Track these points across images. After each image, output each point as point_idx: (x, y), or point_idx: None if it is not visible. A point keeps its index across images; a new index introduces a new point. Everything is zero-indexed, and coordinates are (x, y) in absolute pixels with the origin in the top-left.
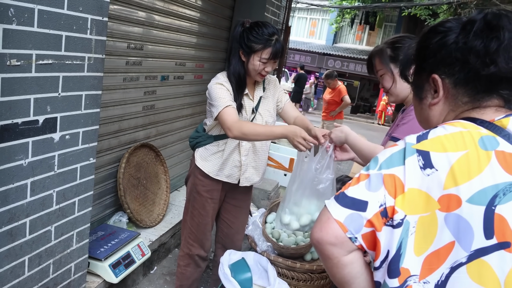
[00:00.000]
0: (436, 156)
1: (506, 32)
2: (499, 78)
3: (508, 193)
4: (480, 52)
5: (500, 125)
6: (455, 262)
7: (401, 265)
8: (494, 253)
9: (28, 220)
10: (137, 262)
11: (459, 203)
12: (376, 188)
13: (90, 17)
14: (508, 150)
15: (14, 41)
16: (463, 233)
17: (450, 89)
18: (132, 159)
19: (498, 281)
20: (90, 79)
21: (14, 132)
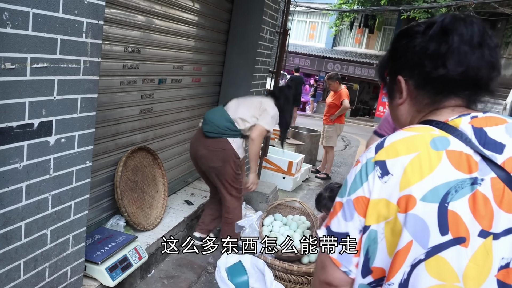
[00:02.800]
0: (391, 162)
1: (455, 36)
2: (453, 81)
3: (460, 190)
4: (432, 55)
5: (453, 124)
6: (415, 259)
7: (371, 265)
8: (450, 248)
9: (23, 224)
10: (134, 265)
11: (414, 202)
12: (351, 216)
13: (86, 21)
14: (458, 149)
15: (9, 44)
16: (419, 231)
17: (412, 91)
18: (130, 162)
19: (456, 275)
20: (85, 83)
21: (9, 136)
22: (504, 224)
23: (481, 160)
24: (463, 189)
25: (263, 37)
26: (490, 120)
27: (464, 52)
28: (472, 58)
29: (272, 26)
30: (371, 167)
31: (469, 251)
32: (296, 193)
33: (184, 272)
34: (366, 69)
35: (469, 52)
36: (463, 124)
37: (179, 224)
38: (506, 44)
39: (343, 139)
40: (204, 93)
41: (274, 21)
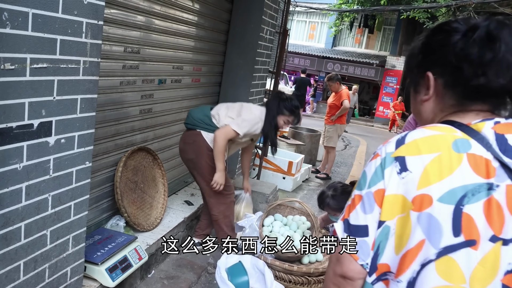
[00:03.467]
0: (411, 159)
1: (502, 45)
2: (487, 90)
3: (476, 194)
4: (474, 61)
5: (476, 128)
6: (425, 259)
7: (378, 262)
8: (461, 250)
9: (23, 224)
10: (134, 266)
11: (430, 202)
12: (371, 209)
13: (85, 21)
14: (479, 153)
15: (8, 45)
16: (433, 230)
17: (440, 89)
18: (129, 162)
19: (464, 277)
20: (85, 83)
21: (9, 136)
22: None
23: (499, 166)
24: (479, 194)
25: (263, 37)
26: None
27: (509, 63)
28: None
29: (272, 26)
30: (390, 162)
31: (479, 254)
32: (296, 193)
33: (184, 272)
34: (366, 69)
35: None
36: (486, 129)
37: (179, 224)
38: None
39: (343, 139)
40: (204, 93)
41: (274, 21)
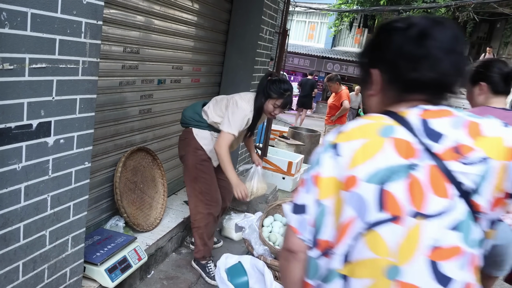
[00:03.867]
0: (343, 145)
1: (432, 42)
2: (422, 83)
3: (398, 174)
4: (408, 57)
5: (404, 115)
6: (356, 233)
7: (318, 237)
8: (386, 225)
9: (22, 225)
10: (134, 266)
11: (357, 182)
12: (310, 190)
13: (84, 21)
14: (402, 137)
15: (7, 45)
16: (360, 207)
17: (384, 84)
18: (129, 163)
19: (390, 250)
20: (84, 83)
21: (7, 137)
22: (435, 207)
23: (420, 148)
24: (401, 173)
25: (263, 37)
26: (438, 113)
27: (438, 58)
28: (443, 64)
29: (271, 26)
30: (328, 149)
31: (402, 229)
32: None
33: (183, 273)
34: None
35: (442, 58)
36: (412, 115)
37: (179, 224)
38: (505, 44)
39: None
40: (204, 94)
41: (274, 21)
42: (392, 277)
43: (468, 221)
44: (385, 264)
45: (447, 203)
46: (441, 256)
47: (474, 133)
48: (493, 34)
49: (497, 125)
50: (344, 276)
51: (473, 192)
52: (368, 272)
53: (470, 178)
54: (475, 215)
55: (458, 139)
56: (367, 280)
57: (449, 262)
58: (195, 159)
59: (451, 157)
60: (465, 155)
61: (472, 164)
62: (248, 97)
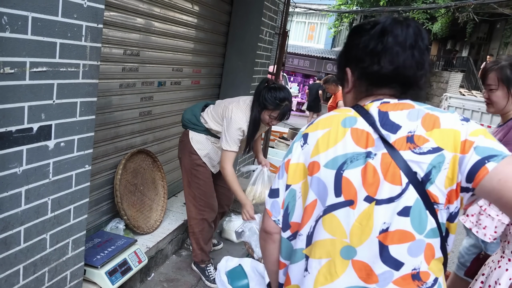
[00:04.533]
0: (311, 134)
1: (390, 38)
2: (385, 76)
3: (355, 161)
4: (370, 52)
5: (366, 108)
6: (317, 216)
7: (290, 220)
8: (342, 209)
9: (22, 229)
10: (134, 269)
11: (318, 167)
12: (282, 176)
13: (85, 24)
14: (361, 127)
15: (8, 49)
16: (321, 191)
17: (355, 81)
18: (129, 165)
19: (345, 232)
20: (85, 86)
21: (8, 140)
22: (387, 193)
23: (378, 138)
24: (357, 161)
25: (263, 38)
26: (398, 106)
27: (396, 52)
28: (402, 58)
29: (271, 28)
30: (299, 138)
31: (356, 213)
32: None
33: (184, 275)
34: None
35: (400, 53)
36: (372, 108)
37: (179, 227)
38: (505, 44)
39: None
40: (204, 95)
41: (274, 22)
42: (347, 257)
43: (418, 208)
44: (341, 245)
45: (397, 190)
46: (391, 240)
47: (430, 124)
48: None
49: (456, 118)
50: (307, 256)
51: (426, 181)
52: (325, 252)
53: (422, 167)
54: (432, 206)
55: (413, 130)
56: (324, 259)
57: (398, 246)
58: (190, 163)
59: (405, 147)
60: (418, 145)
61: (424, 154)
62: (244, 106)
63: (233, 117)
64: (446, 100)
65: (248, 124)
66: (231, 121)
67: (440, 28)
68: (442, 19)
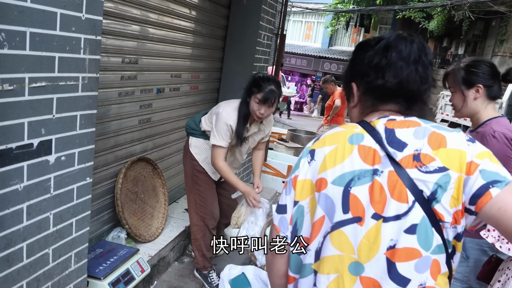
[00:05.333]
0: (317, 151)
1: (394, 52)
2: (389, 90)
3: (362, 178)
4: (375, 67)
5: (373, 125)
6: (325, 232)
7: (298, 234)
8: (349, 225)
9: (25, 245)
10: (137, 279)
11: (326, 184)
12: (290, 192)
13: (83, 37)
14: (368, 144)
15: (6, 65)
16: (329, 208)
17: (360, 96)
18: (129, 173)
19: (353, 248)
20: (84, 99)
21: (9, 157)
22: (394, 211)
23: (384, 155)
24: (365, 178)
25: (261, 42)
26: (404, 123)
27: (400, 66)
28: (406, 72)
29: (269, 31)
30: (306, 154)
31: (363, 229)
32: None
33: (186, 282)
34: None
35: (404, 67)
36: (379, 125)
37: (180, 233)
38: (500, 42)
39: None
40: (202, 100)
41: (271, 25)
42: (356, 273)
43: (424, 225)
44: (349, 261)
45: (403, 207)
46: (398, 257)
47: (436, 143)
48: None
49: (463, 139)
50: (315, 271)
51: (432, 200)
52: (333, 267)
53: (428, 186)
54: (438, 223)
55: (419, 148)
56: (332, 275)
57: (406, 263)
58: (191, 169)
59: (411, 165)
60: (424, 163)
61: (430, 172)
62: (235, 104)
63: (221, 111)
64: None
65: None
66: (219, 116)
67: (436, 26)
68: (438, 17)
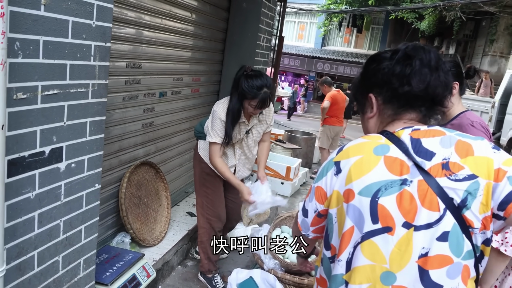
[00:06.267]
0: (343, 162)
1: (417, 60)
2: (415, 96)
3: (389, 188)
4: (399, 75)
5: (397, 135)
6: (355, 242)
7: (330, 241)
8: (380, 235)
9: (36, 253)
10: (143, 284)
11: (353, 195)
12: (311, 199)
13: (94, 44)
14: (395, 155)
15: (20, 74)
16: (357, 218)
17: (380, 105)
18: (133, 178)
19: (384, 258)
20: (94, 106)
21: (22, 166)
22: (425, 219)
23: (412, 165)
24: (392, 188)
25: (260, 45)
26: (429, 133)
27: (425, 73)
28: (431, 78)
29: (268, 34)
30: (331, 166)
31: (394, 239)
32: (295, 198)
33: (190, 286)
34: (356, 68)
35: (429, 74)
36: (404, 135)
37: (184, 237)
38: (491, 41)
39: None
40: (203, 103)
41: (270, 28)
42: (388, 283)
43: (455, 232)
44: (381, 271)
45: (435, 216)
46: (430, 265)
47: (464, 152)
48: (479, 32)
49: (488, 146)
50: (346, 282)
51: (463, 207)
52: (365, 277)
53: (458, 194)
54: (468, 229)
55: (447, 156)
56: (364, 285)
57: (438, 270)
58: (200, 171)
59: (441, 174)
60: (454, 172)
61: (460, 180)
62: (227, 99)
63: (215, 109)
64: None
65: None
66: (214, 113)
67: (428, 26)
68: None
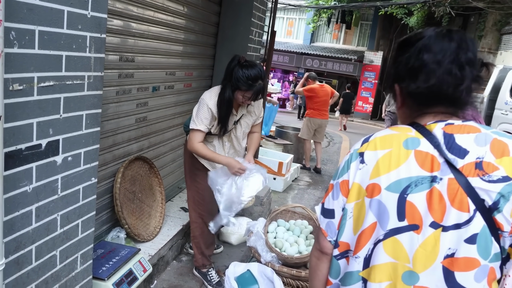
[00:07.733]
0: (368, 154)
1: (426, 55)
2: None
3: (419, 185)
4: (410, 70)
5: (429, 128)
6: (377, 239)
7: (339, 239)
8: (405, 233)
9: (33, 247)
10: (140, 278)
11: (379, 190)
12: (337, 196)
13: (89, 35)
14: (426, 150)
15: (16, 65)
16: (382, 214)
17: (405, 97)
18: (127, 173)
19: (407, 256)
20: (90, 98)
21: (18, 158)
22: (454, 219)
23: (444, 162)
24: (422, 185)
25: (252, 39)
26: (464, 128)
27: (432, 69)
28: (438, 74)
29: (260, 28)
30: (355, 157)
31: (420, 238)
32: (287, 193)
33: (186, 281)
34: (344, 64)
35: (436, 69)
36: (436, 129)
37: (178, 232)
38: (479, 37)
39: (325, 136)
40: (196, 98)
41: (262, 22)
42: (409, 283)
43: (484, 235)
44: (403, 270)
45: (464, 216)
46: (457, 266)
47: (499, 152)
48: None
49: None
50: (364, 279)
51: (494, 210)
52: (386, 275)
53: (491, 196)
54: (497, 232)
55: (482, 156)
56: (385, 283)
57: (465, 273)
58: (190, 166)
59: (473, 173)
60: (487, 172)
61: (494, 182)
62: (217, 89)
63: (202, 97)
64: None
65: (218, 105)
66: (201, 101)
67: (416, 22)
68: (418, 13)
